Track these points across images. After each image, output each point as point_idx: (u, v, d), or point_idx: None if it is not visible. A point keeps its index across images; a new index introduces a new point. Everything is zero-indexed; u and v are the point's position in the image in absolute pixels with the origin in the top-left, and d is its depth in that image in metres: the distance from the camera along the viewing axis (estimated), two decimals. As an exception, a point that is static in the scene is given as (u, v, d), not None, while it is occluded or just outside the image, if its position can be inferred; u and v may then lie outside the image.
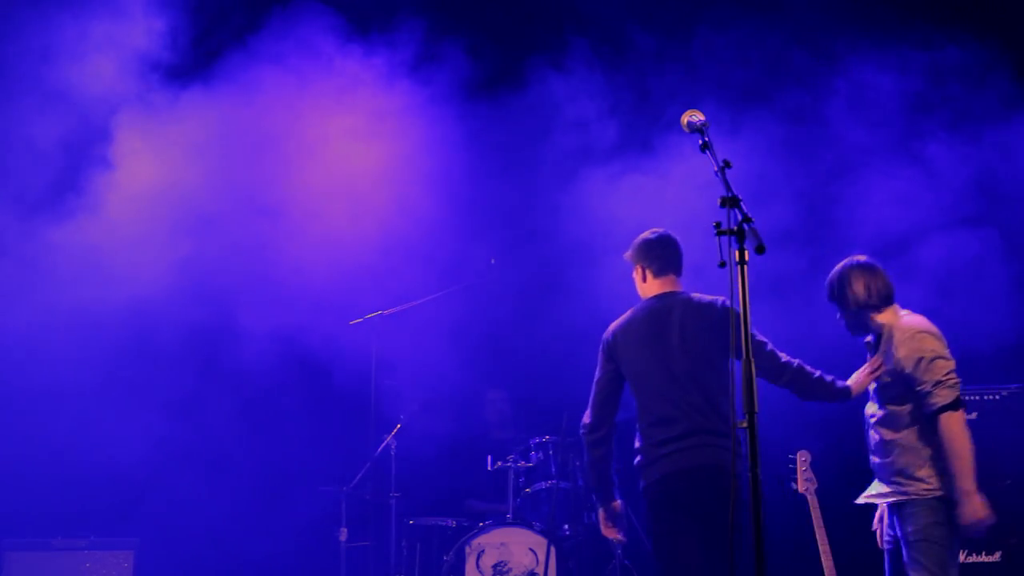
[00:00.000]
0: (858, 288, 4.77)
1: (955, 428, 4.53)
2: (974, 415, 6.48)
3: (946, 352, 4.67)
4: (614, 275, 6.28)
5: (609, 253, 6.45)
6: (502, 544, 6.39)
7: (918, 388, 4.60)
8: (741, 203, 3.45)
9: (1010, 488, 6.38)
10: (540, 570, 6.29)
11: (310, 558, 7.29)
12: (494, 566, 6.26)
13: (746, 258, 3.39)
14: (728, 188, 3.53)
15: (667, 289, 4.96)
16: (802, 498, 5.56)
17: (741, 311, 3.39)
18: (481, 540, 6.37)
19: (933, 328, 4.74)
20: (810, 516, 5.56)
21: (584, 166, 7.10)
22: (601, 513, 5.02)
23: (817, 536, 5.47)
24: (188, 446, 7.14)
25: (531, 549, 6.39)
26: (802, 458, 5.63)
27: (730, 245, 3.41)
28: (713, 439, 4.70)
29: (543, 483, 6.78)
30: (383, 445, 6.69)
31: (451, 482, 7.48)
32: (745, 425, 3.31)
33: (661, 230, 5.06)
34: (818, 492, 5.55)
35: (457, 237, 7.14)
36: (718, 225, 3.44)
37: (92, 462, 6.86)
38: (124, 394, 6.99)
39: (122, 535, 6.67)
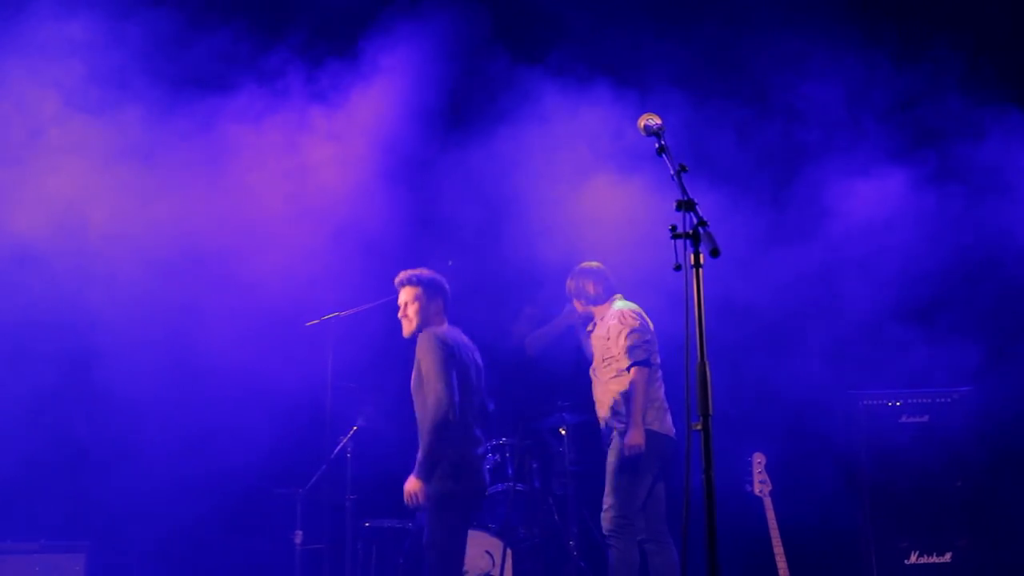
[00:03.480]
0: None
1: None
2: (926, 417, 6.57)
3: None
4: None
5: (571, 259, 6.47)
6: (458, 546, 6.35)
7: None
8: (696, 207, 3.47)
9: (960, 490, 6.46)
10: (496, 572, 6.28)
11: (265, 561, 7.23)
12: (450, 568, 6.22)
13: (701, 261, 3.41)
14: (684, 192, 3.54)
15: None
16: (757, 500, 5.61)
17: (696, 314, 3.40)
18: (437, 542, 6.33)
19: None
20: (765, 518, 5.62)
21: (549, 168, 7.10)
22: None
23: (772, 537, 5.52)
24: (141, 449, 7.06)
25: (487, 552, 6.37)
26: (758, 460, 5.69)
27: (685, 248, 3.43)
28: None
29: (499, 485, 6.77)
30: (339, 447, 6.65)
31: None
32: (700, 427, 3.33)
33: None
34: (772, 494, 5.60)
35: (414, 238, 7.12)
36: (674, 228, 3.46)
37: (43, 464, 6.78)
38: (76, 396, 6.90)
39: (73, 539, 6.57)
